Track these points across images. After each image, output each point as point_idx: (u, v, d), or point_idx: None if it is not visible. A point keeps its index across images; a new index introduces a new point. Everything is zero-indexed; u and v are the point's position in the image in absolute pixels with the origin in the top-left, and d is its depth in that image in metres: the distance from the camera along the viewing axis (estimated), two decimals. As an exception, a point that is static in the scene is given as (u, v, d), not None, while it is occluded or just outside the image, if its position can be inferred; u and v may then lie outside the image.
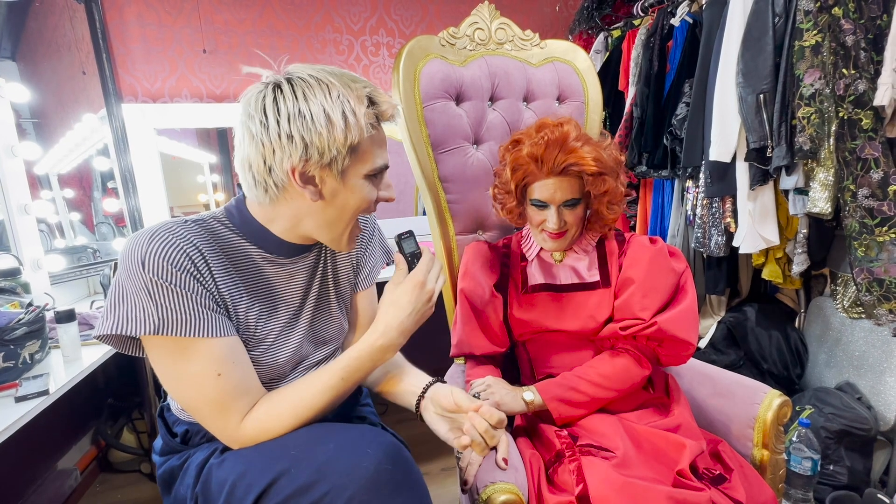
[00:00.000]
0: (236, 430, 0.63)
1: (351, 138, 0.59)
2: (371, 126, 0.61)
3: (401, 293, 0.67)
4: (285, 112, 0.58)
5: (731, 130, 1.37)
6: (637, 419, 0.85)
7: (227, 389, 0.61)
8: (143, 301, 0.57)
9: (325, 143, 0.58)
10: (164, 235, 0.59)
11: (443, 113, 1.10)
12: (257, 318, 0.67)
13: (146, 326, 0.57)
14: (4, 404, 0.82)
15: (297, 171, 0.60)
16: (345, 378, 0.66)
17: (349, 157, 0.61)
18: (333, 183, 0.62)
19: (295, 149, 0.58)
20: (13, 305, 0.99)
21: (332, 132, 0.58)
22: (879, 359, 1.32)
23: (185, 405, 0.65)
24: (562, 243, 0.92)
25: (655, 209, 1.86)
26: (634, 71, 1.80)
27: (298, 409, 0.64)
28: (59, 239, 1.64)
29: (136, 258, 0.57)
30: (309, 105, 0.58)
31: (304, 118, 0.58)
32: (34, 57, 1.71)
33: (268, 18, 1.89)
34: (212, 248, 0.63)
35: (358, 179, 0.63)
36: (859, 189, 1.18)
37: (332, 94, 0.59)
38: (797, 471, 1.21)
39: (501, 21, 1.19)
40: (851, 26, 1.15)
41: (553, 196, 0.87)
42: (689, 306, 0.86)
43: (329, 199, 0.63)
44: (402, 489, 0.58)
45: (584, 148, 0.85)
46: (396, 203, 1.99)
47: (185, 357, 0.60)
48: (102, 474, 1.69)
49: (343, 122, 0.58)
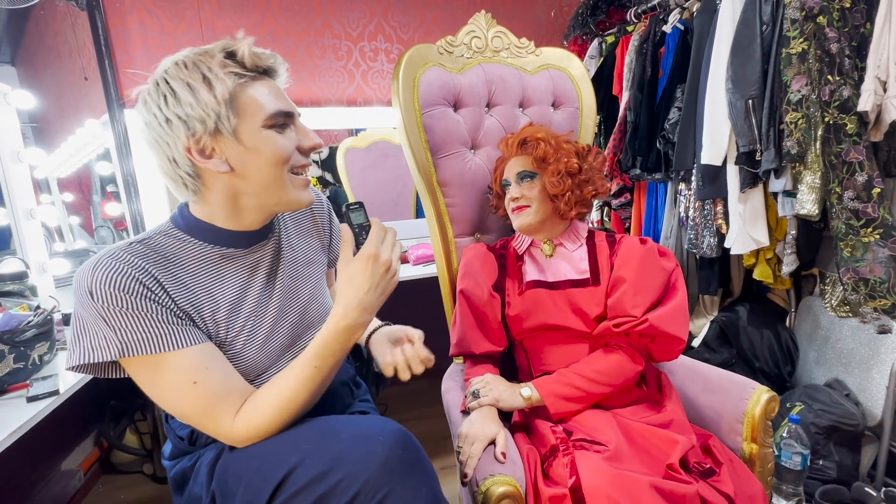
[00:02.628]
0: (230, 431, 0.63)
1: (220, 93, 0.59)
2: (237, 75, 0.60)
3: (355, 270, 0.63)
4: (154, 103, 0.60)
5: (722, 135, 1.41)
6: (630, 415, 0.88)
7: (208, 395, 0.62)
8: (101, 329, 0.58)
9: (199, 111, 0.59)
10: (108, 262, 0.59)
11: (441, 119, 1.13)
12: (227, 318, 0.67)
13: (109, 352, 0.58)
14: (17, 404, 0.84)
15: (192, 150, 0.61)
16: (318, 366, 0.65)
17: (231, 113, 0.60)
18: (233, 148, 0.61)
19: (177, 129, 0.59)
20: (22, 308, 1.01)
21: (198, 98, 0.59)
22: (866, 356, 1.36)
23: (176, 416, 0.66)
24: (525, 217, 0.98)
25: (649, 211, 1.89)
26: (628, 76, 1.84)
27: (281, 404, 0.64)
28: (59, 243, 1.66)
29: (84, 289, 0.58)
30: (170, 85, 0.59)
31: (169, 99, 0.59)
32: (34, 62, 1.73)
33: (268, 24, 1.92)
34: (159, 264, 0.63)
35: (257, 133, 0.62)
36: (845, 191, 1.21)
37: (187, 63, 0.60)
38: (787, 466, 1.24)
39: (498, 29, 1.22)
40: (836, 34, 1.19)
41: (512, 171, 1.01)
42: (680, 303, 0.89)
43: (239, 166, 0.62)
44: (414, 472, 0.60)
45: (540, 129, 1.01)
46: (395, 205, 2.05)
47: (159, 371, 0.61)
48: (105, 475, 1.71)
49: (204, 83, 0.59)
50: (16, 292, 1.09)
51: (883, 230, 1.19)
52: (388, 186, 2.15)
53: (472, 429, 0.82)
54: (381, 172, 2.13)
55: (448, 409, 0.99)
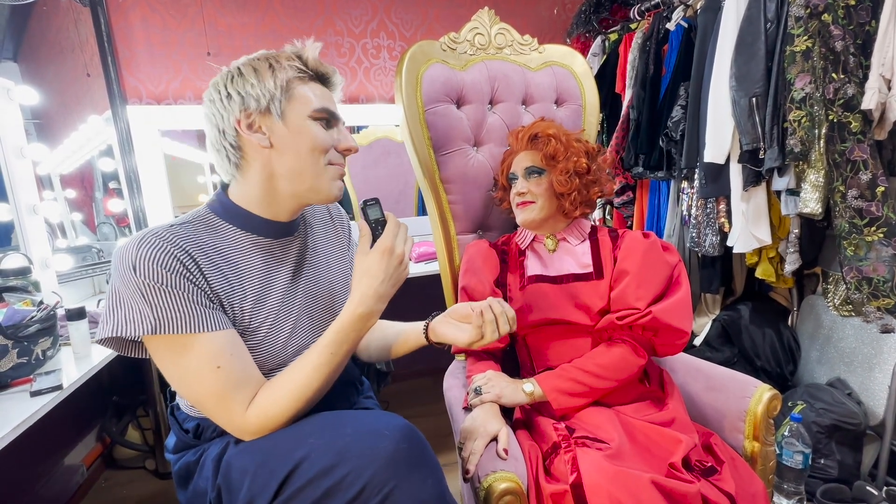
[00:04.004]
0: (242, 421, 0.64)
1: (280, 80, 0.66)
2: (298, 69, 0.68)
3: (371, 262, 0.68)
4: (221, 83, 0.67)
5: (725, 132, 1.40)
6: (633, 412, 0.88)
7: (228, 381, 0.63)
8: (138, 304, 0.60)
9: (258, 90, 0.66)
10: (152, 240, 0.62)
11: (444, 116, 1.13)
12: (252, 308, 0.69)
13: (143, 327, 0.60)
14: (20, 399, 0.85)
15: (241, 123, 0.66)
16: (333, 352, 0.67)
17: (284, 97, 0.67)
18: (279, 127, 0.67)
19: (234, 103, 0.66)
20: (25, 303, 1.01)
21: (261, 79, 0.66)
22: (869, 355, 1.35)
23: (190, 400, 0.67)
24: (529, 213, 0.98)
25: (652, 210, 1.89)
26: (631, 74, 1.83)
27: (295, 392, 0.65)
28: (61, 239, 1.66)
29: (127, 264, 0.60)
30: (240, 66, 0.67)
31: (235, 77, 0.67)
32: (36, 58, 1.73)
33: (270, 22, 1.92)
34: (199, 247, 0.65)
35: (302, 120, 0.68)
36: (849, 190, 1.21)
37: (259, 56, 0.68)
38: (789, 464, 1.24)
39: (501, 26, 1.22)
40: (840, 32, 1.19)
41: (519, 165, 1.00)
42: (683, 297, 0.89)
43: (280, 144, 0.68)
44: (420, 466, 0.61)
45: (552, 125, 1.00)
46: (396, 203, 2.04)
47: (184, 353, 0.62)
48: (107, 471, 1.71)
49: (269, 69, 0.66)
50: (19, 287, 1.09)
51: (887, 229, 1.19)
52: (390, 184, 2.15)
53: (475, 425, 0.82)
54: (383, 170, 2.13)
55: (450, 405, 0.99)
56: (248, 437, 0.66)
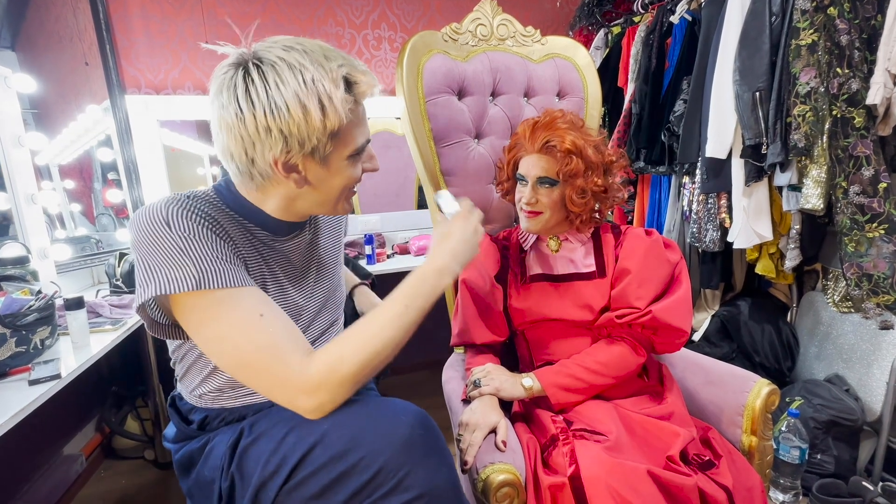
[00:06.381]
0: (303, 373, 0.59)
1: (330, 126, 0.58)
2: (350, 110, 0.60)
3: (450, 226, 0.74)
4: (260, 105, 0.56)
5: (728, 127, 1.39)
6: (631, 406, 0.88)
7: (276, 329, 0.60)
8: (178, 259, 0.58)
9: (304, 134, 0.58)
10: (180, 200, 0.61)
11: (445, 107, 1.12)
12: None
13: (187, 283, 0.57)
14: (19, 387, 0.84)
15: (279, 163, 0.60)
16: (408, 305, 0.64)
17: (330, 143, 0.61)
18: (317, 169, 0.63)
19: (275, 142, 0.58)
20: (23, 292, 1.01)
21: (310, 122, 0.57)
22: (867, 352, 1.35)
23: (236, 364, 0.60)
24: (535, 224, 0.94)
25: (652, 204, 1.88)
26: (634, 67, 1.82)
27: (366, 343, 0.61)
28: (60, 230, 1.66)
29: (159, 223, 0.58)
30: (283, 94, 0.56)
31: (279, 110, 0.56)
32: (34, 47, 1.71)
33: (271, 12, 1.90)
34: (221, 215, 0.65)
35: (342, 161, 0.64)
36: (851, 186, 1.21)
37: (306, 79, 0.56)
38: (786, 459, 1.25)
39: (503, 17, 1.21)
40: (846, 26, 1.18)
41: (530, 170, 0.92)
42: (683, 296, 0.89)
43: (315, 183, 0.65)
44: (434, 452, 0.60)
45: (569, 131, 0.89)
46: (396, 196, 2.03)
47: (226, 308, 0.59)
48: (107, 460, 1.72)
49: (320, 111, 0.57)
50: (17, 277, 1.09)
51: (888, 225, 1.18)
52: (390, 177, 2.14)
53: (473, 417, 0.82)
54: (383, 163, 2.08)
55: (449, 398, 0.99)
56: (310, 394, 0.59)
